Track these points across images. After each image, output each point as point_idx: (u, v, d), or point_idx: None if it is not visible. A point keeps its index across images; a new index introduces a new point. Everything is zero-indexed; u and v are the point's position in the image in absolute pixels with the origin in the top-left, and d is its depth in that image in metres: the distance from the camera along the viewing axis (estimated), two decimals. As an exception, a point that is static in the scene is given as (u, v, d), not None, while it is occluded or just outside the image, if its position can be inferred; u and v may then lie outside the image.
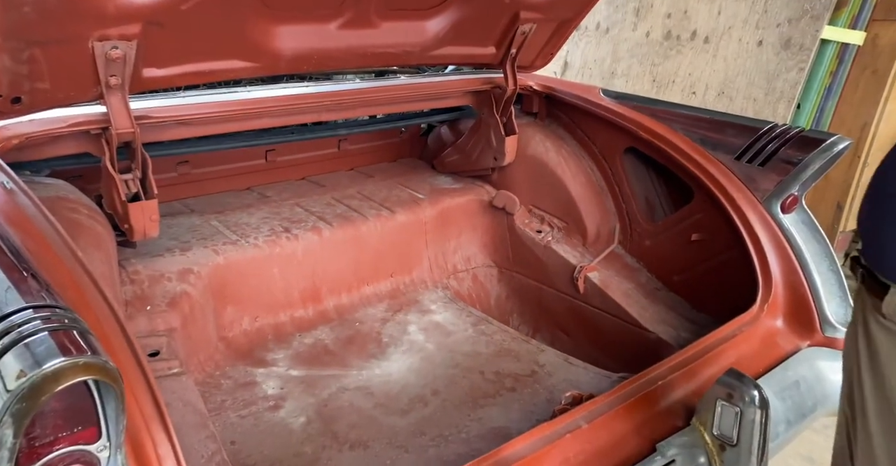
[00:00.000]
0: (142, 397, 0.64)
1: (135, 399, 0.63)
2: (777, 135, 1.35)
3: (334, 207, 1.64)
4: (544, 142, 1.83)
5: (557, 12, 1.58)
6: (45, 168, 1.10)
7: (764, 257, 1.30)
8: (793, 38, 2.59)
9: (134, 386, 0.64)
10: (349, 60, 1.32)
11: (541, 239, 1.79)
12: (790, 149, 1.31)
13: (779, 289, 1.27)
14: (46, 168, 1.12)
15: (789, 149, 1.31)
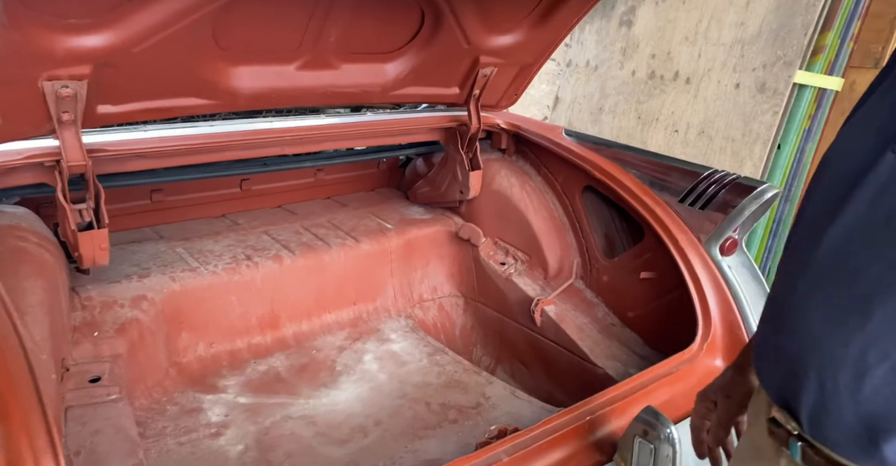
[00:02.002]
0: (35, 430, 0.64)
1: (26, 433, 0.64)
2: (716, 180, 1.36)
3: (301, 236, 1.66)
4: (509, 177, 1.85)
5: (516, 57, 1.61)
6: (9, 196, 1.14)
7: (704, 297, 1.29)
8: (767, 82, 2.60)
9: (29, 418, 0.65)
10: (309, 99, 1.35)
11: (503, 272, 1.79)
12: (727, 195, 1.31)
13: (717, 329, 1.25)
14: (14, 196, 1.17)
15: (727, 195, 1.31)
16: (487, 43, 1.50)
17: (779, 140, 2.68)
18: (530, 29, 1.51)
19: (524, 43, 1.55)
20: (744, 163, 2.68)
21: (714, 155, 2.85)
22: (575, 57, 3.85)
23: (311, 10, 1.12)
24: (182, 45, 1.01)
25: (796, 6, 2.53)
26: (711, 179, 1.38)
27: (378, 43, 1.35)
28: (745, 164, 2.67)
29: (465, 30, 1.41)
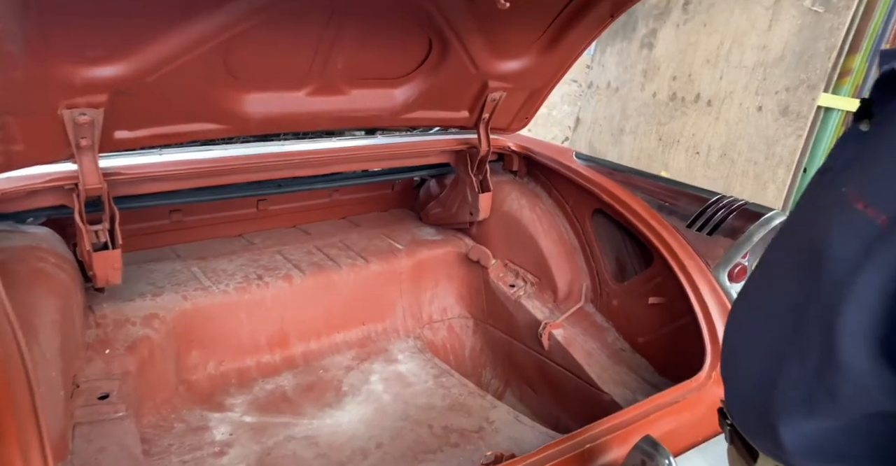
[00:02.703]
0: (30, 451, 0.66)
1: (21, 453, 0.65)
2: (724, 205, 1.32)
3: (312, 256, 1.68)
4: (519, 199, 1.84)
5: (526, 82, 1.62)
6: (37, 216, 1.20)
7: (712, 325, 1.24)
8: (790, 105, 2.53)
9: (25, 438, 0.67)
10: (319, 123, 1.39)
11: (513, 294, 1.77)
12: (735, 221, 1.27)
13: (726, 360, 1.20)
14: (40, 216, 1.23)
15: (735, 221, 1.27)
16: (496, 68, 1.51)
17: (805, 163, 2.59)
18: (539, 54, 1.51)
19: (533, 68, 1.55)
20: (767, 187, 2.60)
21: (736, 178, 2.77)
22: (596, 78, 3.84)
23: (319, 39, 1.16)
24: (194, 73, 1.06)
25: (819, 30, 2.48)
26: (719, 205, 1.35)
27: (386, 69, 1.38)
28: (769, 188, 2.59)
29: (473, 56, 1.43)
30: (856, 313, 0.46)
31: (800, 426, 0.53)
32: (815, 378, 0.50)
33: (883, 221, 0.46)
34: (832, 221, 0.50)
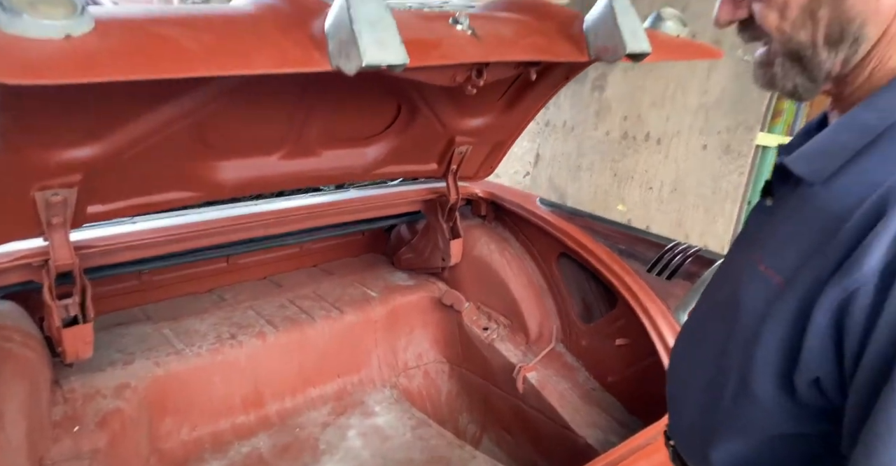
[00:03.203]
0: None
1: None
2: (680, 252, 1.40)
3: (285, 309, 1.67)
4: (489, 244, 1.89)
5: (490, 136, 1.69)
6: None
7: (677, 367, 1.30)
8: (731, 144, 2.72)
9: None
10: (292, 184, 1.41)
11: (486, 337, 1.80)
12: (691, 266, 1.35)
13: (692, 401, 1.26)
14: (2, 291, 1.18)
15: (691, 266, 1.36)
16: (461, 125, 1.58)
17: (748, 197, 2.77)
18: (500, 113, 1.59)
19: (496, 124, 1.63)
20: (716, 220, 2.76)
21: (688, 211, 2.93)
22: (553, 118, 4.01)
23: (293, 111, 1.19)
24: (169, 147, 1.07)
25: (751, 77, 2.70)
26: (676, 251, 1.43)
27: (358, 131, 1.42)
28: (718, 221, 2.75)
29: (440, 116, 1.49)
30: (763, 355, 0.56)
31: (725, 447, 0.62)
32: (735, 406, 0.60)
33: (779, 282, 0.55)
34: (744, 280, 0.60)
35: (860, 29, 0.52)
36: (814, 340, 0.51)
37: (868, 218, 0.49)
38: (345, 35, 0.68)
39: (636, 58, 1.00)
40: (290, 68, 0.65)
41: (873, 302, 0.47)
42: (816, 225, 0.54)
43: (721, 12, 0.59)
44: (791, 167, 0.57)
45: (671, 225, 3.05)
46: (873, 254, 0.47)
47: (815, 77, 0.56)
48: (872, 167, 0.51)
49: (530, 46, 0.95)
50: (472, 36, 0.88)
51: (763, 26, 0.56)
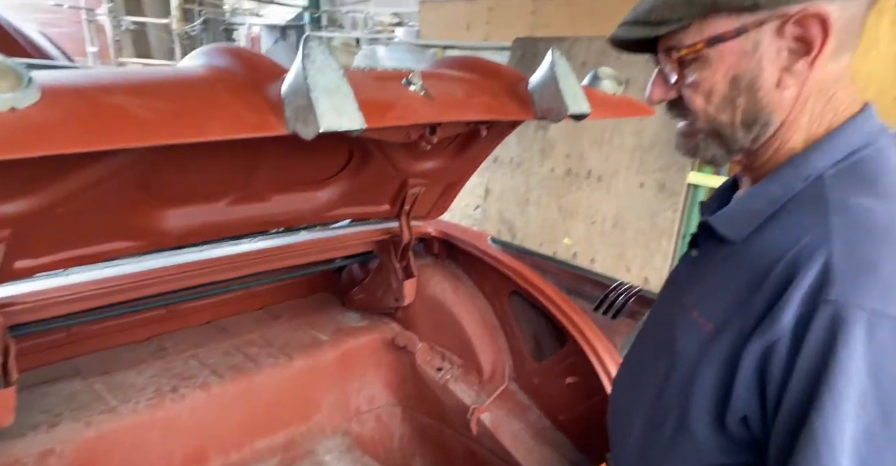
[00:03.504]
0: None
1: None
2: (623, 291, 1.47)
3: (231, 357, 1.60)
4: (442, 282, 1.90)
5: (442, 178, 1.73)
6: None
7: (624, 406, 1.35)
8: (666, 183, 2.91)
9: None
10: (240, 229, 1.37)
11: (440, 378, 1.79)
12: (634, 305, 1.42)
13: (639, 439, 1.30)
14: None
15: (633, 305, 1.42)
16: (414, 168, 1.61)
17: (683, 231, 2.95)
18: (451, 157, 1.64)
19: (447, 167, 1.67)
20: (654, 255, 2.91)
21: (629, 245, 3.08)
22: (501, 154, 4.14)
23: (242, 155, 1.18)
24: (109, 198, 1.02)
25: (681, 119, 2.92)
26: (619, 290, 1.50)
27: (309, 175, 1.41)
28: (656, 255, 2.90)
29: (392, 160, 1.52)
30: (699, 395, 0.63)
31: None
32: (674, 440, 0.67)
33: (709, 330, 0.63)
34: (678, 325, 0.68)
35: (769, 116, 0.62)
36: (742, 384, 0.59)
37: (781, 279, 0.57)
38: (302, 101, 0.69)
39: (578, 118, 1.06)
40: (246, 133, 0.65)
41: (789, 354, 0.55)
42: (741, 280, 0.62)
43: (654, 92, 0.68)
44: (715, 227, 0.67)
45: (614, 258, 3.19)
46: (788, 312, 0.55)
47: (731, 150, 0.66)
48: (780, 233, 0.60)
49: (481, 106, 0.99)
50: (426, 96, 0.91)
51: (690, 107, 0.65)
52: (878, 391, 0.51)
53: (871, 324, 0.51)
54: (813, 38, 0.57)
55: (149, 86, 0.62)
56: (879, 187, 0.58)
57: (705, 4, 0.59)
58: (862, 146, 0.61)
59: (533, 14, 3.99)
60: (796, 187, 0.61)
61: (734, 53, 0.60)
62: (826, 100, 0.62)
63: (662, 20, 0.61)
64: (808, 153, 0.62)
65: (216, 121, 0.64)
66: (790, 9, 0.57)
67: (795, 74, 0.60)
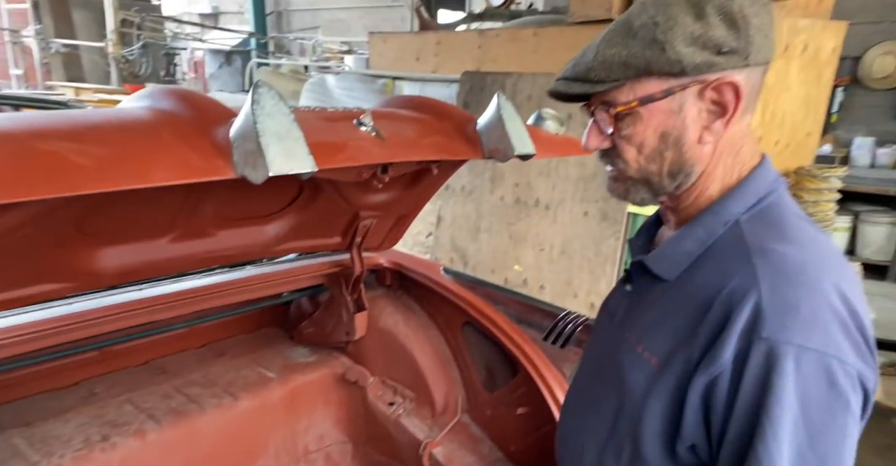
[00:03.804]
0: None
1: None
2: (571, 320, 1.52)
3: (170, 400, 1.51)
4: (394, 314, 1.89)
5: (394, 210, 1.74)
6: None
7: (574, 436, 1.37)
8: (608, 212, 3.04)
9: None
10: (182, 267, 1.32)
11: (392, 413, 1.75)
12: (581, 334, 1.46)
13: None
14: None
15: (581, 334, 1.47)
16: (365, 201, 1.61)
17: (625, 258, 3.08)
18: (403, 190, 1.65)
19: (399, 199, 1.68)
20: (599, 280, 3.01)
21: (575, 272, 3.17)
22: (452, 182, 4.21)
23: (185, 190, 1.14)
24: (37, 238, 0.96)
25: (620, 152, 3.09)
26: (567, 320, 1.54)
27: (256, 209, 1.39)
28: (601, 281, 3.00)
29: (343, 193, 1.51)
30: (651, 426, 0.69)
31: None
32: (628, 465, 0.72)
33: (655, 364, 0.69)
34: (625, 361, 0.74)
35: (691, 167, 0.72)
36: (690, 414, 0.65)
37: (718, 317, 0.64)
38: (251, 146, 0.69)
39: (524, 158, 1.11)
40: (192, 178, 0.64)
41: (730, 385, 0.62)
42: (679, 317, 0.69)
43: (590, 141, 0.76)
44: (651, 267, 0.75)
45: (562, 284, 3.27)
46: (728, 348, 0.62)
47: (657, 194, 0.75)
48: (711, 274, 0.68)
49: (431, 146, 1.02)
50: (377, 137, 0.93)
51: (623, 157, 0.73)
52: (805, 417, 0.58)
53: (797, 358, 0.58)
54: (728, 102, 0.67)
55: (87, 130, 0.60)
56: (787, 231, 0.68)
57: (639, 68, 0.66)
58: (767, 193, 0.71)
59: (479, 49, 4.15)
60: (718, 231, 0.70)
61: (662, 112, 0.68)
62: (735, 154, 0.72)
63: (601, 79, 0.68)
64: (725, 200, 0.71)
65: (160, 166, 0.62)
66: (709, 77, 0.66)
67: (713, 132, 0.69)
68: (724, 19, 0.64)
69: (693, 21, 0.64)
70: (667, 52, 0.64)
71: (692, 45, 0.64)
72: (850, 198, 4.59)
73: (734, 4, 0.64)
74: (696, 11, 0.64)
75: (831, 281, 0.63)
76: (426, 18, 5.05)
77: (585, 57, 0.70)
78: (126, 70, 7.70)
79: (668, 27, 0.64)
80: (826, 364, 0.59)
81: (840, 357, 0.59)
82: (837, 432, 0.59)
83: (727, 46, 0.64)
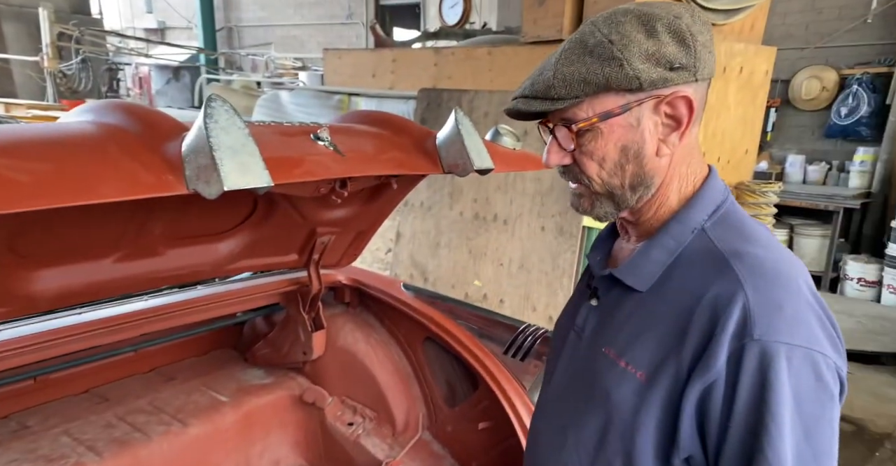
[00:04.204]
0: None
1: None
2: (530, 333, 1.54)
3: (113, 429, 1.42)
4: (354, 332, 1.86)
5: (352, 226, 1.72)
6: None
7: (536, 448, 1.38)
8: (564, 226, 3.12)
9: None
10: (129, 287, 1.26)
11: (351, 434, 1.71)
12: (540, 346, 1.49)
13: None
14: None
15: (540, 347, 1.49)
16: (322, 217, 1.59)
17: (581, 271, 3.16)
18: (361, 205, 1.64)
19: (357, 215, 1.67)
20: (557, 293, 3.07)
21: (533, 285, 3.22)
22: (411, 198, 4.21)
23: (132, 207, 1.10)
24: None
25: (574, 167, 3.20)
26: (527, 333, 1.56)
27: (208, 227, 1.34)
28: (559, 294, 3.06)
29: (300, 209, 1.49)
30: (645, 440, 0.68)
31: None
32: None
33: (640, 375, 0.68)
34: (608, 376, 0.72)
35: (651, 179, 0.73)
36: (686, 425, 0.65)
37: (705, 325, 0.64)
38: (204, 160, 0.67)
39: (482, 172, 1.13)
40: (141, 194, 0.62)
41: (727, 390, 0.62)
42: (661, 327, 0.68)
43: (551, 158, 0.76)
44: (624, 279, 0.75)
45: (521, 298, 3.31)
46: (720, 353, 0.62)
47: (620, 208, 0.76)
48: (688, 282, 0.69)
49: (391, 161, 1.03)
50: (335, 151, 0.93)
51: (586, 172, 0.74)
52: (800, 411, 0.60)
53: (788, 356, 0.60)
54: (682, 115, 0.70)
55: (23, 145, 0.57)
56: (750, 234, 0.70)
57: (598, 84, 0.68)
58: (722, 200, 0.74)
59: (435, 66, 4.22)
60: (686, 239, 0.72)
61: (622, 126, 0.70)
62: (688, 165, 0.75)
63: (560, 97, 0.69)
64: (687, 210, 0.73)
65: (107, 181, 0.60)
66: (664, 91, 0.68)
67: (670, 144, 0.71)
68: (674, 37, 0.67)
69: (645, 38, 0.66)
70: (625, 69, 0.66)
71: (647, 61, 0.66)
72: (785, 211, 4.91)
73: (682, 23, 0.67)
74: (647, 29, 0.67)
75: (802, 278, 0.66)
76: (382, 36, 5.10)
77: (543, 75, 0.70)
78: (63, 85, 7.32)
79: (623, 45, 0.66)
80: (812, 359, 0.61)
81: (822, 351, 0.62)
82: (826, 424, 0.62)
83: (678, 62, 0.67)
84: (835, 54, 5.14)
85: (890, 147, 4.84)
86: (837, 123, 5.14)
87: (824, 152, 5.43)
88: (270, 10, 10.08)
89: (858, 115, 4.96)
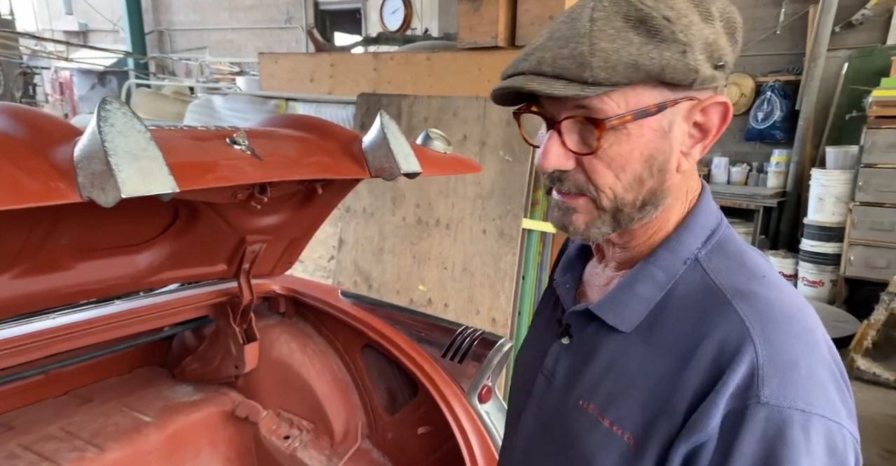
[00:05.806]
0: None
1: None
2: (467, 335, 1.56)
3: (17, 460, 1.30)
4: (289, 342, 1.81)
5: (285, 233, 1.68)
6: None
7: (470, 446, 1.39)
8: (504, 229, 3.19)
9: None
10: (34, 305, 1.17)
11: (287, 447, 1.66)
12: (478, 348, 1.51)
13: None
14: None
15: (477, 348, 1.51)
16: (251, 224, 1.54)
17: (522, 273, 3.23)
18: (294, 210, 1.60)
19: (290, 221, 1.63)
20: (499, 295, 3.13)
21: (476, 288, 3.26)
22: (353, 204, 4.17)
23: (33, 217, 1.02)
24: None
25: (512, 173, 3.26)
26: (464, 335, 1.58)
27: (124, 238, 1.27)
28: (501, 296, 3.12)
29: (226, 217, 1.43)
30: None
31: None
32: None
33: (629, 439, 0.56)
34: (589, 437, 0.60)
35: (664, 199, 0.59)
36: None
37: (702, 376, 0.53)
38: (98, 166, 0.64)
39: (410, 176, 1.14)
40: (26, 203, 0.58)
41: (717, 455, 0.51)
42: (651, 381, 0.56)
43: (551, 160, 0.57)
44: (604, 317, 0.61)
45: (465, 301, 3.35)
46: (716, 413, 0.51)
47: (618, 229, 0.59)
48: (684, 325, 0.56)
49: (314, 165, 1.01)
50: (252, 156, 0.90)
51: (596, 182, 0.56)
52: None
53: (804, 426, 0.50)
54: (712, 125, 0.56)
55: None
56: (754, 270, 0.58)
57: (651, 72, 0.51)
58: (716, 225, 0.61)
59: (375, 71, 4.21)
60: (678, 271, 0.59)
61: (653, 130, 0.54)
62: (688, 183, 0.61)
63: (597, 81, 0.51)
64: (679, 235, 0.60)
65: (-17, 189, 0.55)
66: (701, 94, 0.55)
67: (690, 159, 0.58)
68: (726, 27, 0.53)
69: (701, 21, 0.51)
70: (687, 57, 0.51)
71: (704, 51, 0.52)
72: (711, 210, 5.23)
73: (733, 10, 0.54)
74: (702, 11, 0.52)
75: (817, 327, 0.55)
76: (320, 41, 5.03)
77: (572, 48, 0.51)
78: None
79: (684, 26, 0.51)
80: (830, 431, 0.50)
81: (840, 421, 0.51)
82: None
83: (723, 59, 0.53)
84: (751, 62, 5.55)
85: (800, 149, 5.27)
86: (755, 127, 5.55)
87: (745, 154, 5.84)
88: (204, 13, 9.72)
89: (773, 120, 5.38)
